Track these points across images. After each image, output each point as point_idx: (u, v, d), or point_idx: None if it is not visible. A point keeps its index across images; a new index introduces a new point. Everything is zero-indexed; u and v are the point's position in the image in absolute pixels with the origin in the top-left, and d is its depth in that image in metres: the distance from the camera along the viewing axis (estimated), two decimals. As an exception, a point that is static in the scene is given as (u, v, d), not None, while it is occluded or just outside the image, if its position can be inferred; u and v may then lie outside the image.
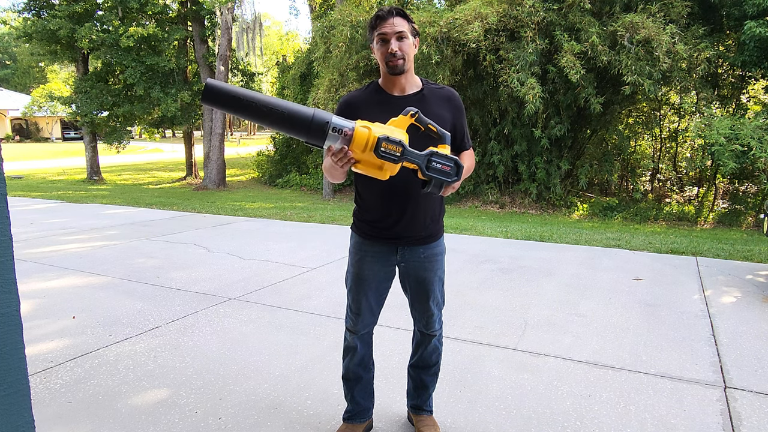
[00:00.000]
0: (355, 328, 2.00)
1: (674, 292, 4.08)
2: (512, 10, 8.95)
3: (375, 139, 1.47)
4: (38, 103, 33.81)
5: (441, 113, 1.81)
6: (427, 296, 1.96)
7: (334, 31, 10.59)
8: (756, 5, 7.83)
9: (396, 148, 1.48)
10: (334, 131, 1.46)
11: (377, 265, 1.92)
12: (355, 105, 1.82)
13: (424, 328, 2.04)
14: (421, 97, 1.83)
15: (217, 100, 1.43)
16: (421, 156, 1.54)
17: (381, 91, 1.84)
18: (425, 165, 1.54)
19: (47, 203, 10.26)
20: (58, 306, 3.80)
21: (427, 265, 1.92)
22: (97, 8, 15.21)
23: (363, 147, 1.48)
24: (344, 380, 2.12)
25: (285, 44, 32.76)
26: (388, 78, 1.81)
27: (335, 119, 1.47)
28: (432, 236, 1.92)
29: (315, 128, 1.45)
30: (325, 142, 1.48)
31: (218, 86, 1.43)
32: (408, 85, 1.83)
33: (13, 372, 0.93)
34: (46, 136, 39.44)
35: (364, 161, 1.52)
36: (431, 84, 1.88)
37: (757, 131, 7.52)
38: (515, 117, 9.77)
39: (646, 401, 2.40)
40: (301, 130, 1.46)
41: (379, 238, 1.89)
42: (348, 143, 1.48)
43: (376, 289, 1.95)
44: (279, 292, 4.09)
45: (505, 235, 6.53)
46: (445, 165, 1.55)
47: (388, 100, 1.81)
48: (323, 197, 12.38)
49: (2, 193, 0.89)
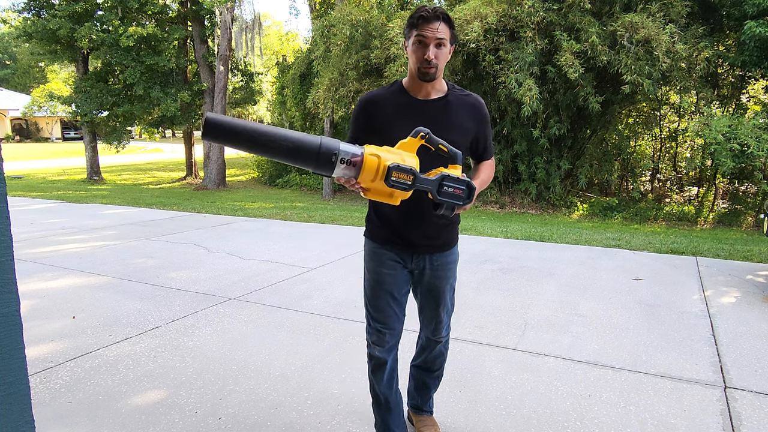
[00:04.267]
0: (381, 340, 1.87)
1: (674, 292, 4.08)
2: (512, 10, 8.95)
3: (385, 168, 1.41)
4: (38, 103, 33.79)
5: (463, 122, 1.74)
6: (438, 303, 1.91)
7: (334, 30, 10.59)
8: (756, 5, 7.83)
9: (407, 176, 1.43)
10: (342, 162, 1.41)
11: (395, 269, 1.84)
12: (377, 103, 1.74)
13: (431, 335, 1.99)
14: (445, 104, 1.74)
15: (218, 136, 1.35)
16: (432, 182, 1.48)
17: (405, 92, 1.75)
18: (437, 190, 1.49)
19: (47, 203, 10.26)
20: (58, 306, 3.80)
21: (440, 273, 1.87)
22: (97, 8, 15.21)
23: (373, 176, 1.43)
24: (376, 407, 1.97)
25: (285, 44, 32.73)
26: (416, 82, 1.71)
27: (343, 147, 1.41)
28: (447, 244, 1.86)
29: (323, 159, 1.39)
30: (334, 171, 1.42)
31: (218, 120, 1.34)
32: (434, 90, 1.74)
33: (13, 372, 0.93)
34: (46, 136, 39.43)
35: (374, 189, 1.47)
36: (457, 89, 1.79)
37: (755, 130, 7.52)
38: (515, 117, 9.77)
39: (646, 401, 2.40)
40: (309, 162, 1.40)
41: (394, 244, 1.82)
42: (357, 173, 1.43)
43: (398, 294, 1.87)
44: (279, 292, 4.09)
45: (505, 235, 6.53)
46: (457, 189, 1.51)
47: (410, 103, 1.72)
48: (323, 197, 12.38)
49: (2, 193, 0.89)
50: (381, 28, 10.23)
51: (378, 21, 10.43)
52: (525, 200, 10.26)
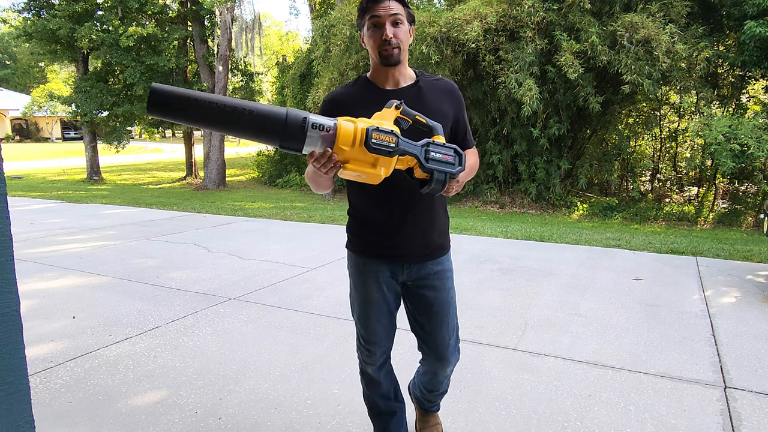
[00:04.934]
0: (371, 359, 1.76)
1: (674, 292, 4.08)
2: (512, 10, 8.95)
3: (363, 131, 1.27)
4: (38, 103, 33.81)
5: (441, 108, 1.61)
6: (440, 321, 1.71)
7: (334, 29, 10.59)
8: (756, 5, 7.82)
9: (389, 138, 1.29)
10: (314, 128, 1.24)
11: (384, 285, 1.69)
12: (342, 102, 1.58)
13: (437, 361, 1.75)
14: (417, 90, 1.61)
15: (169, 109, 1.17)
16: (416, 146, 1.34)
17: (371, 85, 1.62)
18: (423, 157, 1.34)
19: (47, 203, 10.26)
20: (58, 306, 3.80)
21: (437, 283, 1.69)
22: (97, 8, 15.22)
23: (351, 142, 1.27)
24: (374, 416, 1.89)
25: (285, 44, 32.74)
26: (380, 70, 1.58)
27: (312, 116, 1.26)
28: (439, 250, 1.70)
29: (291, 129, 1.23)
30: (305, 146, 1.26)
31: (166, 91, 1.17)
32: (402, 77, 1.60)
33: (13, 372, 0.93)
34: (46, 136, 39.43)
35: (354, 159, 1.29)
36: (426, 75, 1.66)
37: (755, 131, 7.52)
38: (515, 117, 9.77)
39: (646, 401, 2.40)
40: (274, 133, 1.23)
41: (381, 256, 1.66)
42: (332, 144, 1.27)
43: (388, 311, 1.72)
44: (279, 292, 4.09)
45: (505, 235, 6.53)
46: (445, 154, 1.36)
47: (380, 96, 1.56)
48: (323, 197, 12.37)
49: (2, 193, 0.89)
50: (381, 28, 10.21)
51: (378, 21, 10.41)
52: (525, 200, 10.26)
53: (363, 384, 1.89)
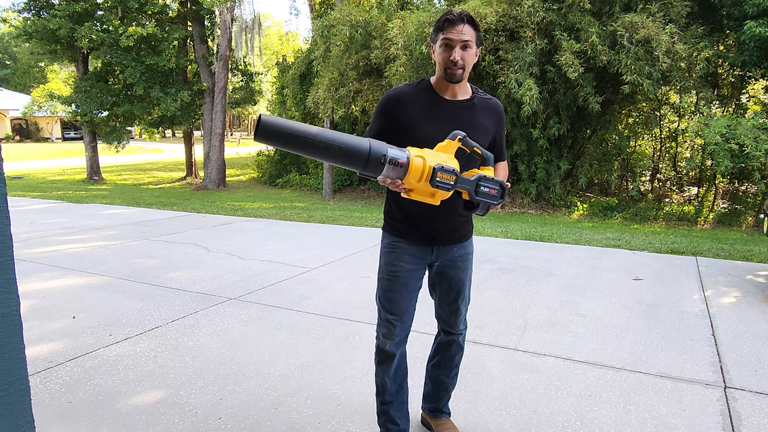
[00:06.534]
0: (391, 334, 1.91)
1: (674, 292, 4.08)
2: (511, 10, 8.95)
3: (431, 169, 1.48)
4: (38, 103, 33.81)
5: (485, 123, 1.83)
6: (458, 295, 1.96)
7: (334, 30, 10.59)
8: (756, 5, 7.82)
9: (450, 177, 1.51)
10: (391, 163, 1.47)
11: (413, 264, 1.89)
12: (402, 101, 1.79)
13: (451, 328, 2.03)
14: (471, 105, 1.82)
15: (272, 137, 1.38)
16: (470, 182, 1.58)
17: (432, 91, 1.80)
18: (474, 190, 1.58)
19: (47, 203, 10.26)
20: (58, 306, 3.80)
21: (460, 264, 1.93)
22: (97, 8, 15.22)
23: (419, 178, 1.49)
24: (380, 396, 2.01)
25: (285, 44, 32.74)
26: (443, 82, 1.77)
27: (391, 151, 1.47)
28: (465, 235, 1.94)
29: (372, 162, 1.45)
30: (381, 175, 1.49)
31: (273, 123, 1.37)
32: (460, 91, 1.80)
33: (13, 372, 0.93)
34: (46, 136, 39.43)
35: (417, 189, 1.53)
36: (480, 93, 1.88)
37: (753, 130, 7.52)
38: (515, 117, 9.77)
39: (646, 401, 2.40)
40: (359, 164, 1.46)
41: (413, 237, 1.87)
42: (403, 174, 1.49)
43: (413, 288, 1.92)
44: (279, 292, 4.09)
45: (505, 235, 6.53)
46: (492, 188, 1.60)
47: (438, 103, 1.78)
48: (323, 197, 12.38)
49: (2, 193, 0.89)
50: (381, 28, 10.23)
51: (378, 21, 10.43)
52: (525, 200, 10.26)
53: (376, 362, 1.99)
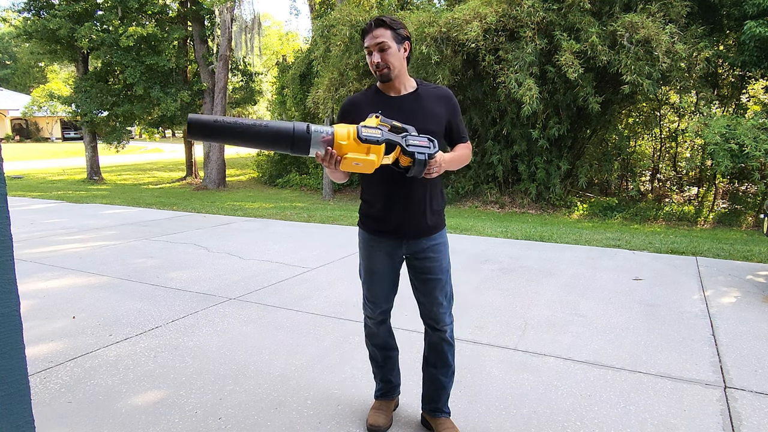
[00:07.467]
0: (373, 314, 2.15)
1: (674, 292, 4.08)
2: (511, 10, 8.94)
3: (355, 128, 1.66)
4: (38, 103, 33.78)
5: (436, 110, 1.96)
6: (435, 286, 2.03)
7: (334, 30, 10.59)
8: (756, 5, 7.82)
9: (375, 131, 1.67)
10: (317, 133, 1.63)
11: (386, 258, 2.05)
12: (358, 104, 1.98)
13: (436, 323, 2.08)
14: (416, 97, 1.96)
15: (203, 133, 1.56)
16: (398, 137, 1.73)
17: (380, 92, 1.99)
18: (405, 143, 1.72)
19: (47, 203, 10.26)
20: (58, 306, 3.80)
21: (431, 254, 2.02)
22: (97, 8, 15.21)
23: (346, 137, 1.65)
24: (372, 360, 2.27)
25: (285, 44, 32.72)
26: (382, 83, 1.97)
27: (315, 126, 1.64)
28: (434, 228, 2.02)
29: (298, 139, 1.61)
30: (311, 147, 1.63)
31: (200, 120, 1.55)
32: (402, 86, 1.97)
33: (13, 372, 0.93)
34: (46, 136, 39.41)
35: (351, 150, 1.66)
36: (425, 84, 2.01)
37: (753, 130, 7.51)
38: (514, 117, 9.77)
39: (646, 401, 2.40)
40: (286, 143, 1.61)
41: (384, 233, 2.01)
42: (331, 144, 1.64)
43: (389, 279, 2.09)
44: (279, 292, 4.09)
45: (505, 235, 6.53)
46: (421, 141, 1.75)
47: (386, 100, 1.96)
48: (323, 197, 12.38)
49: (2, 193, 0.89)
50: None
51: (378, 21, 10.40)
52: (525, 200, 10.25)
53: (365, 335, 2.26)
